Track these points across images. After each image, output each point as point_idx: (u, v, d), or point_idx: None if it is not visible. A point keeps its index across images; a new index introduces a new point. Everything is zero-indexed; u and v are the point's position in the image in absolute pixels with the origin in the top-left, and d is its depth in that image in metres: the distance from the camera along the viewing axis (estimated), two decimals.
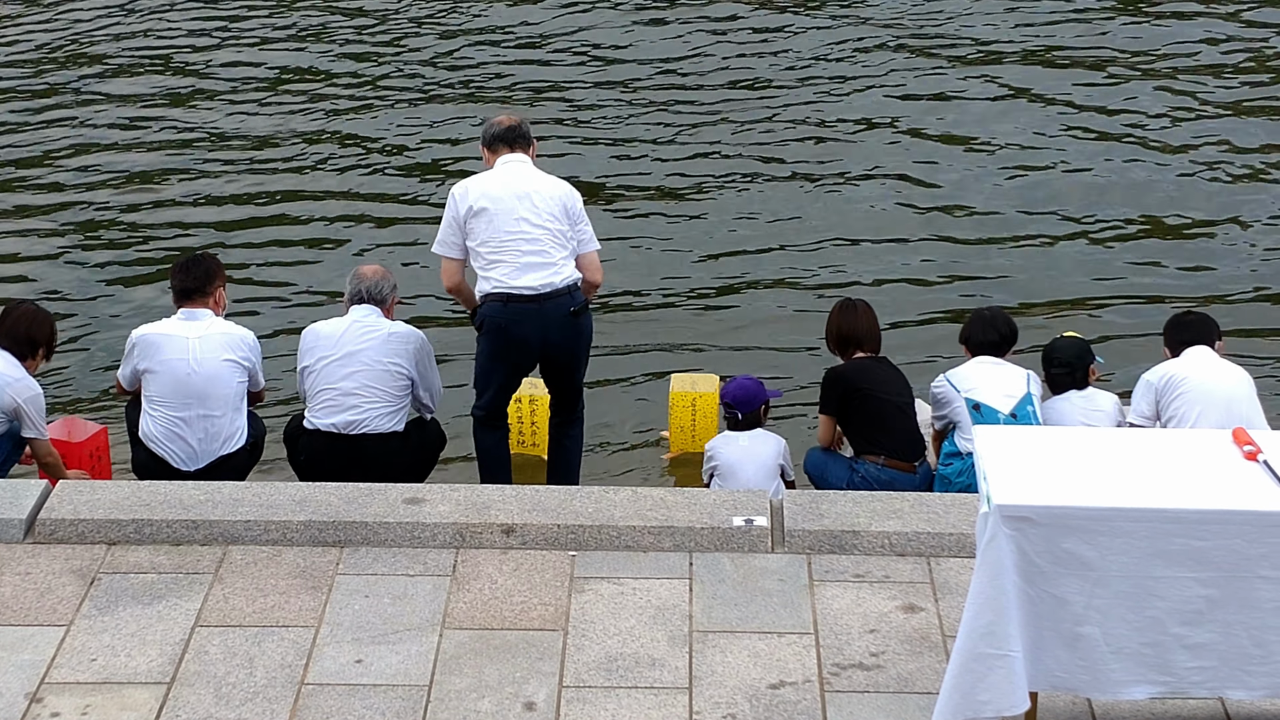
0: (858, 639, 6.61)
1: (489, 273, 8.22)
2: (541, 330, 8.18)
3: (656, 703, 6.23)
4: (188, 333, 8.21)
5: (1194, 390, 8.14)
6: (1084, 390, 8.54)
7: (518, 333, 8.18)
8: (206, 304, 8.32)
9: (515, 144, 8.43)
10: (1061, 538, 5.47)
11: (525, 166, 8.37)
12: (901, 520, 7.24)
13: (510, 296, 8.17)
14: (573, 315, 8.24)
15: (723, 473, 8.48)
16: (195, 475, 8.09)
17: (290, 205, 12.70)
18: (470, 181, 8.37)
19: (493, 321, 8.24)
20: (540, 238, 8.19)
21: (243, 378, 8.27)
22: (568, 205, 8.30)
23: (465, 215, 8.23)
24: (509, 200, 8.20)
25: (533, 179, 8.32)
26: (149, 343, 8.23)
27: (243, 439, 8.26)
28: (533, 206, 8.20)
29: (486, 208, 8.20)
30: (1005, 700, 5.61)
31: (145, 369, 8.22)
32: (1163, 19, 15.60)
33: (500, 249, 8.19)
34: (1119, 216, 12.34)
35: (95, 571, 7.07)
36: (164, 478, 8.01)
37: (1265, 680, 5.63)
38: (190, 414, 8.15)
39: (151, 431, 8.21)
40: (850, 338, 8.52)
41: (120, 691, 6.31)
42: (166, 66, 15.10)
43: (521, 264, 8.17)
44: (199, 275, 8.38)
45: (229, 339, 8.25)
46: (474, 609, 6.81)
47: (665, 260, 11.88)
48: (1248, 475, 5.61)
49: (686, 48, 15.20)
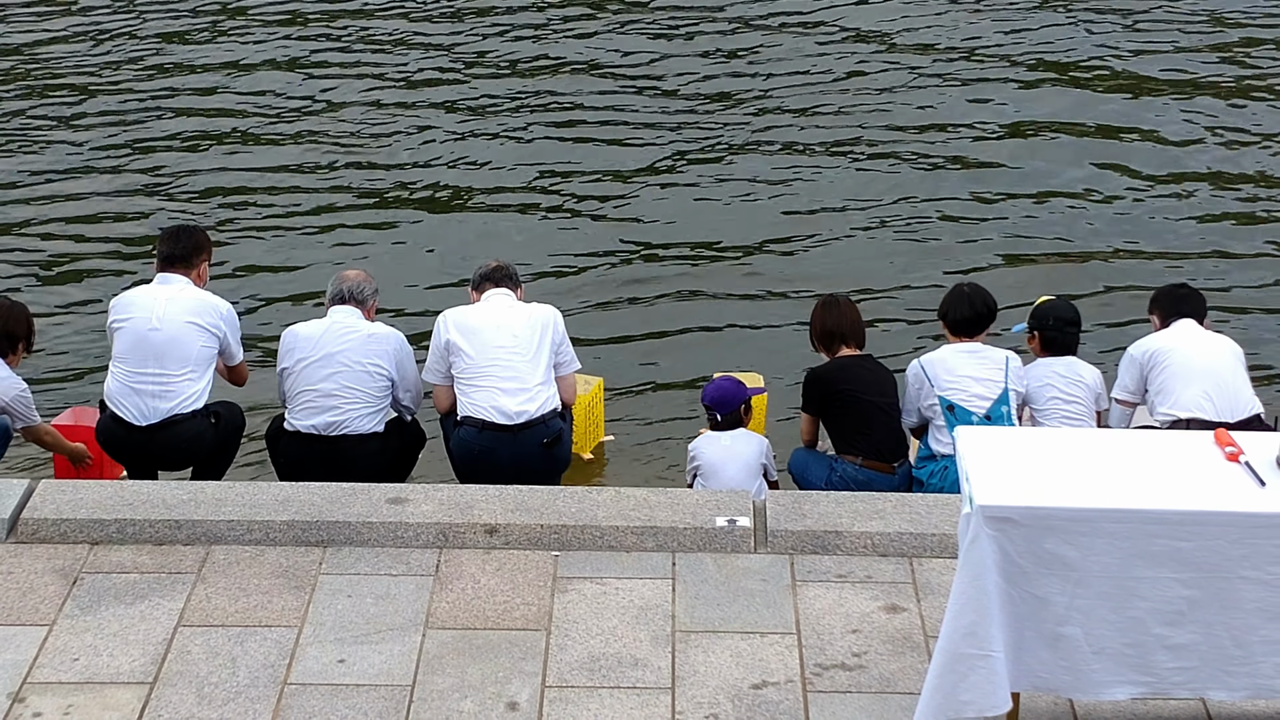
0: (840, 639, 6.62)
1: (466, 397, 8.27)
2: (514, 459, 8.16)
3: (639, 703, 6.24)
4: (158, 294, 8.25)
5: (1179, 363, 8.15)
6: (1066, 358, 8.52)
7: (490, 460, 8.17)
8: (188, 274, 8.36)
9: (501, 283, 8.49)
10: (1043, 538, 5.49)
11: (508, 299, 8.42)
12: (884, 521, 7.25)
13: (485, 424, 8.19)
14: (546, 446, 8.25)
15: (705, 473, 8.48)
16: (146, 432, 8.11)
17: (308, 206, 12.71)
18: (453, 311, 8.43)
19: (466, 447, 8.26)
20: (518, 365, 8.22)
21: (208, 343, 8.23)
22: (548, 328, 8.32)
23: (446, 343, 8.30)
24: (488, 330, 8.26)
25: (514, 308, 8.38)
26: (121, 303, 8.33)
27: (199, 402, 8.20)
28: (512, 335, 8.25)
29: (467, 334, 8.26)
30: (987, 700, 5.62)
31: (115, 327, 8.27)
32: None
33: (479, 374, 8.23)
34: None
35: (78, 571, 7.06)
36: (121, 438, 8.12)
37: (1246, 681, 5.65)
38: (147, 371, 8.15)
39: (111, 389, 8.25)
40: (834, 333, 8.51)
41: (102, 691, 6.30)
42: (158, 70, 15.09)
43: (499, 389, 8.20)
44: (186, 244, 8.42)
45: (199, 304, 8.25)
46: (457, 609, 6.81)
47: (658, 254, 11.90)
48: (1229, 476, 5.62)
49: (666, 47, 15.21)
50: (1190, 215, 12.35)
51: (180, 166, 13.18)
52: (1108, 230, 12.17)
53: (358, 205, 12.66)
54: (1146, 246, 11.93)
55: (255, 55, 15.25)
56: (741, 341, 10.88)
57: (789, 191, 12.74)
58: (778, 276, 11.62)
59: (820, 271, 11.58)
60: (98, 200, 12.69)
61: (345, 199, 12.74)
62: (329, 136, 13.69)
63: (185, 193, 12.81)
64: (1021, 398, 8.40)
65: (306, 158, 13.34)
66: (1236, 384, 8.18)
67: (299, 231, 12.28)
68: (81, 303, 11.33)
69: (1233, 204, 12.55)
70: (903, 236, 12.10)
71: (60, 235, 12.23)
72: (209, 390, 8.29)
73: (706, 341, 10.91)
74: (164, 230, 8.70)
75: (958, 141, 13.41)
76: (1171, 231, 12.15)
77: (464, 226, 12.35)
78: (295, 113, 14.13)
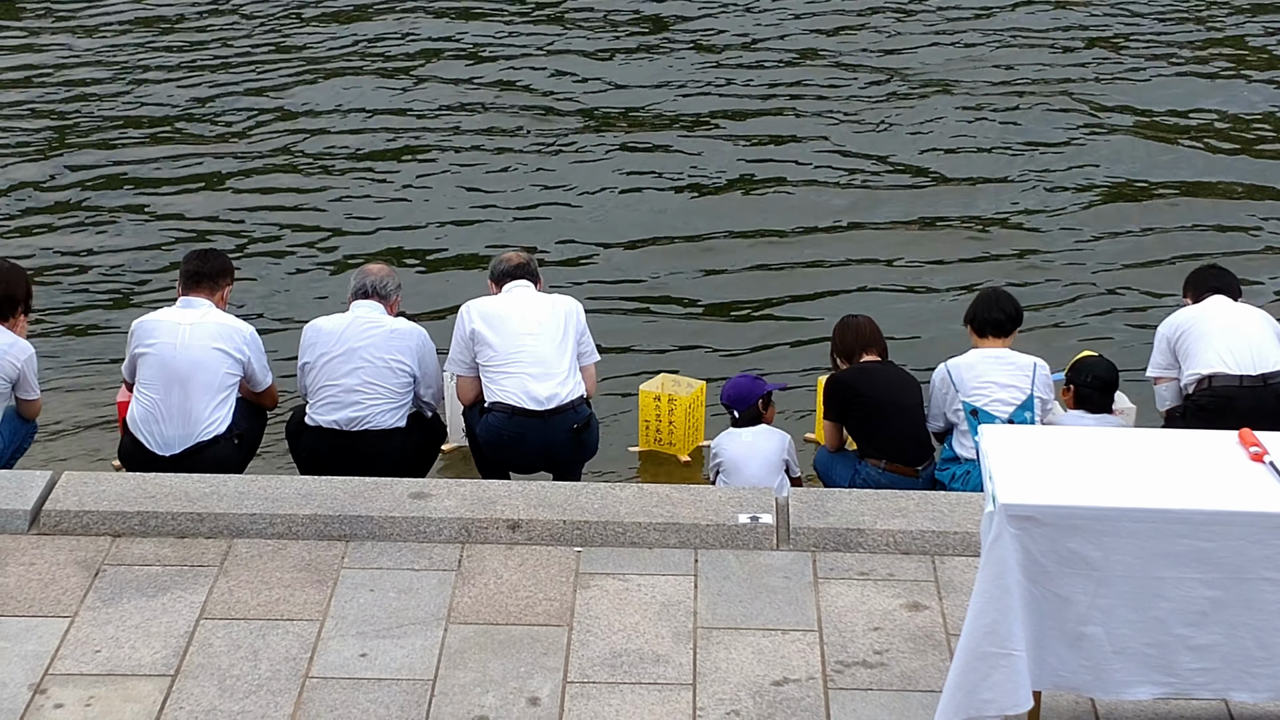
0: (862, 636, 6.61)
1: (495, 384, 8.27)
2: (545, 445, 8.20)
3: (660, 699, 6.24)
4: (181, 319, 8.18)
5: (1200, 329, 8.24)
6: (1099, 415, 8.47)
7: (520, 445, 8.19)
8: (211, 296, 8.30)
9: (521, 278, 8.50)
10: (1066, 537, 5.47)
11: (529, 290, 8.44)
12: (906, 519, 7.24)
13: (515, 410, 8.20)
14: (576, 432, 8.26)
15: (727, 469, 8.48)
16: (170, 462, 8.04)
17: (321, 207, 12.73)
18: (475, 301, 8.42)
19: (495, 432, 8.26)
20: (545, 351, 8.24)
21: (232, 369, 8.17)
22: (571, 317, 8.35)
23: (471, 333, 8.29)
24: (514, 318, 8.27)
25: (537, 298, 8.40)
26: (144, 328, 8.22)
27: (221, 428, 8.14)
28: (537, 321, 8.26)
29: (492, 323, 8.27)
30: (1008, 699, 5.61)
31: (139, 353, 8.18)
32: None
33: (506, 361, 8.24)
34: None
35: (100, 563, 7.08)
36: (144, 464, 8.02)
37: (1269, 683, 5.62)
38: (171, 399, 8.08)
39: (135, 415, 8.18)
40: (855, 346, 8.50)
41: (124, 683, 6.32)
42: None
43: (528, 374, 8.21)
44: (214, 265, 8.39)
45: (222, 328, 8.19)
46: (479, 604, 6.82)
47: (670, 260, 11.87)
48: (1253, 476, 5.60)
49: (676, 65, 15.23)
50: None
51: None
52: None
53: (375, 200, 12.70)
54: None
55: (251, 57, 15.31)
56: (763, 340, 10.87)
57: (811, 196, 12.72)
58: (801, 278, 11.60)
59: (840, 276, 11.57)
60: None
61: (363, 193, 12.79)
62: (349, 131, 13.75)
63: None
64: (1046, 405, 8.38)
65: (324, 159, 13.39)
66: (1260, 341, 8.20)
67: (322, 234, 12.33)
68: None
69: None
70: (929, 244, 12.06)
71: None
72: (232, 414, 8.22)
73: (728, 338, 10.90)
74: (191, 251, 8.64)
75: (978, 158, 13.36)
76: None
77: (480, 225, 12.36)
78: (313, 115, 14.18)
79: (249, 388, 8.37)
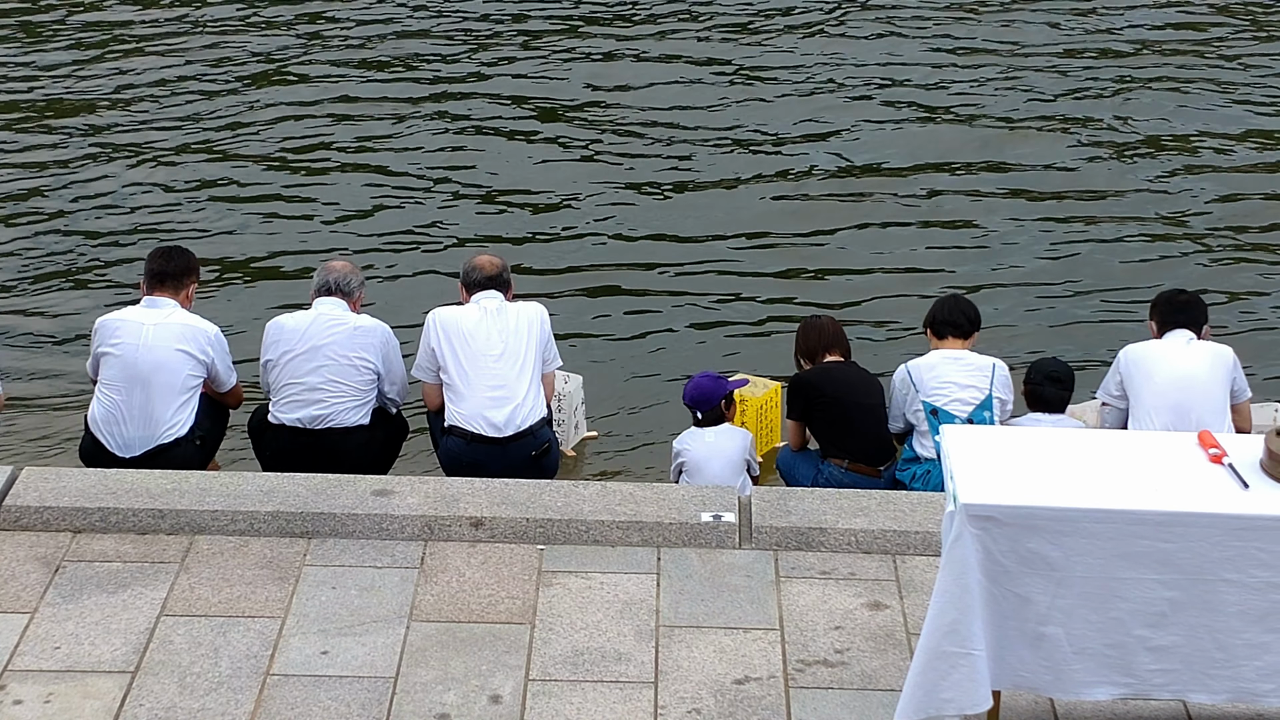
0: (823, 635, 6.63)
1: (454, 405, 8.22)
2: (504, 471, 8.00)
3: (622, 696, 6.25)
4: (145, 319, 8.13)
5: (1150, 370, 8.12)
6: (1056, 415, 8.44)
7: (478, 472, 8.01)
8: (176, 295, 8.25)
9: (491, 287, 8.41)
10: (1026, 537, 5.49)
11: (497, 301, 8.35)
12: (868, 518, 7.26)
13: (473, 436, 8.15)
14: (535, 458, 8.21)
15: (690, 469, 8.49)
16: (130, 464, 7.98)
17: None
18: (442, 313, 8.35)
19: (455, 457, 8.22)
20: (506, 374, 8.18)
21: (195, 370, 8.13)
22: (534, 327, 8.28)
23: (432, 350, 8.25)
24: (477, 336, 8.20)
25: (503, 311, 8.30)
26: (107, 327, 8.17)
27: (183, 430, 8.10)
28: (501, 340, 8.20)
29: (454, 341, 8.21)
30: (968, 698, 5.63)
31: (102, 353, 8.14)
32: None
33: (466, 383, 8.18)
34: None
35: (60, 559, 7.05)
36: (105, 465, 7.95)
37: (1227, 684, 5.65)
38: (132, 400, 8.04)
39: (95, 414, 8.14)
40: (818, 347, 8.52)
41: (84, 680, 6.30)
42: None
43: (488, 398, 8.15)
44: (178, 264, 8.32)
45: (186, 329, 8.14)
46: (441, 601, 6.81)
47: (640, 256, 11.89)
48: (1213, 478, 5.63)
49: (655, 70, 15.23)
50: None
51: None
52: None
53: (346, 197, 12.68)
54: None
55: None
56: (729, 338, 10.88)
57: (782, 194, 12.74)
58: (767, 276, 11.62)
59: (812, 276, 11.59)
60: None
61: (333, 191, 12.75)
62: (321, 126, 13.72)
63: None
64: (1005, 406, 8.40)
65: (300, 155, 13.35)
66: (1200, 400, 8.04)
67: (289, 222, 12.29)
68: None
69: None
70: (896, 246, 12.08)
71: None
72: (195, 415, 8.17)
73: (693, 337, 10.90)
74: (155, 249, 8.57)
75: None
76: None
77: (454, 217, 12.35)
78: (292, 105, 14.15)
79: (213, 388, 8.34)
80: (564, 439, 9.32)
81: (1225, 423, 8.05)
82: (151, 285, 8.27)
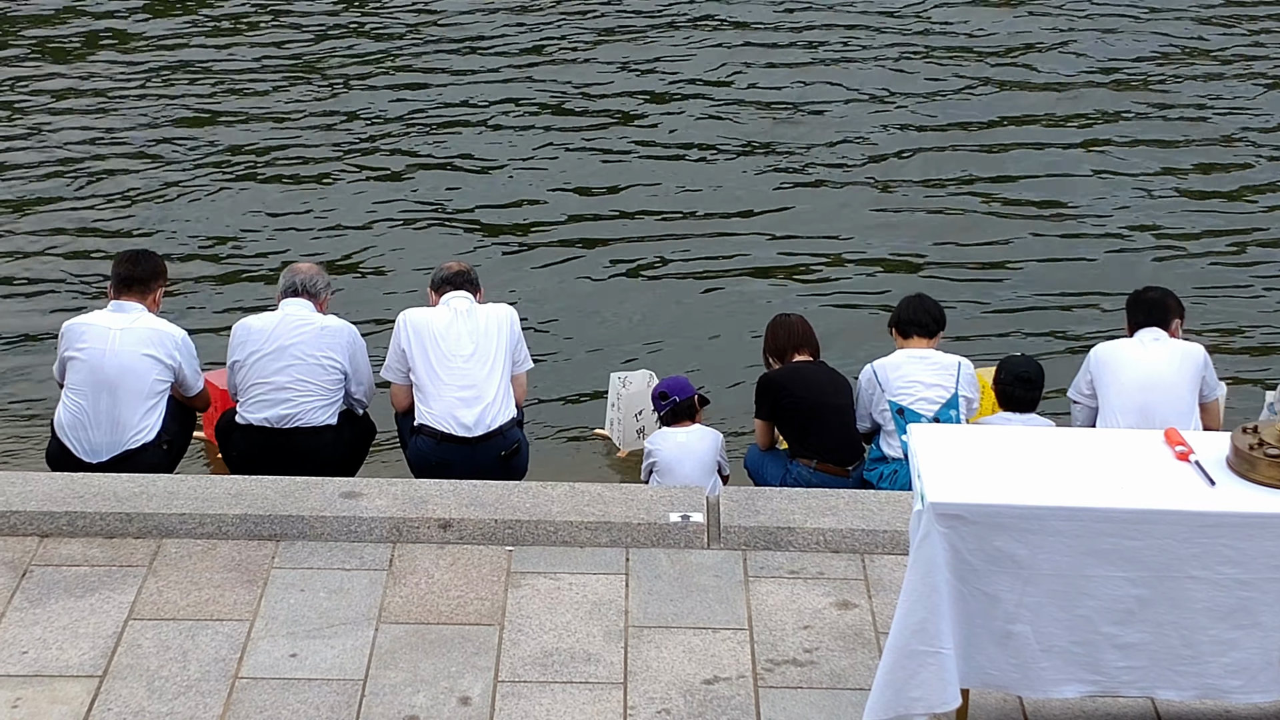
0: (792, 635, 6.63)
1: (424, 404, 8.22)
2: (472, 471, 8.00)
3: (591, 697, 6.25)
4: (112, 324, 8.09)
5: (1116, 371, 8.12)
6: (1026, 415, 8.46)
7: (447, 472, 8.02)
8: (143, 300, 8.22)
9: (461, 288, 8.42)
10: (994, 536, 5.51)
11: (466, 303, 8.35)
12: (836, 517, 7.27)
13: (442, 435, 8.16)
14: (504, 459, 8.21)
15: (661, 469, 8.49)
16: (97, 469, 7.95)
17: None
18: (412, 314, 8.35)
19: (423, 457, 8.22)
20: (476, 374, 8.18)
21: (162, 375, 8.10)
22: (504, 328, 8.28)
23: (403, 351, 8.25)
24: (448, 337, 8.21)
25: (473, 312, 8.31)
26: (74, 331, 8.14)
27: (150, 435, 8.07)
28: (471, 341, 8.20)
29: (424, 341, 8.21)
30: (936, 697, 5.64)
31: (69, 357, 8.10)
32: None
33: (436, 383, 8.19)
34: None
35: (27, 564, 7.02)
36: (70, 469, 7.92)
37: (1195, 681, 5.67)
38: (99, 405, 8.01)
39: (61, 420, 8.10)
40: (787, 346, 8.53)
41: (51, 684, 6.27)
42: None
43: (457, 398, 8.16)
44: (146, 268, 8.29)
45: (154, 334, 8.11)
46: (410, 603, 6.81)
47: (608, 259, 11.89)
48: (1179, 475, 5.65)
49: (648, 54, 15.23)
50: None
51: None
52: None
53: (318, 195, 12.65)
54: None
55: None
56: (695, 340, 10.89)
57: (753, 194, 12.76)
58: (738, 279, 11.65)
59: (785, 274, 11.62)
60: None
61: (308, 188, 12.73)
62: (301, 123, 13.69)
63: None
64: (971, 404, 8.41)
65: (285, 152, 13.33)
66: (1162, 402, 8.04)
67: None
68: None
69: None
70: (864, 247, 12.10)
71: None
72: (162, 419, 8.14)
73: (663, 335, 10.91)
74: (122, 253, 8.53)
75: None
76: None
77: (425, 230, 12.33)
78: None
79: (181, 392, 8.31)
80: (621, 440, 9.42)
81: (1192, 423, 8.06)
82: (119, 289, 8.23)
